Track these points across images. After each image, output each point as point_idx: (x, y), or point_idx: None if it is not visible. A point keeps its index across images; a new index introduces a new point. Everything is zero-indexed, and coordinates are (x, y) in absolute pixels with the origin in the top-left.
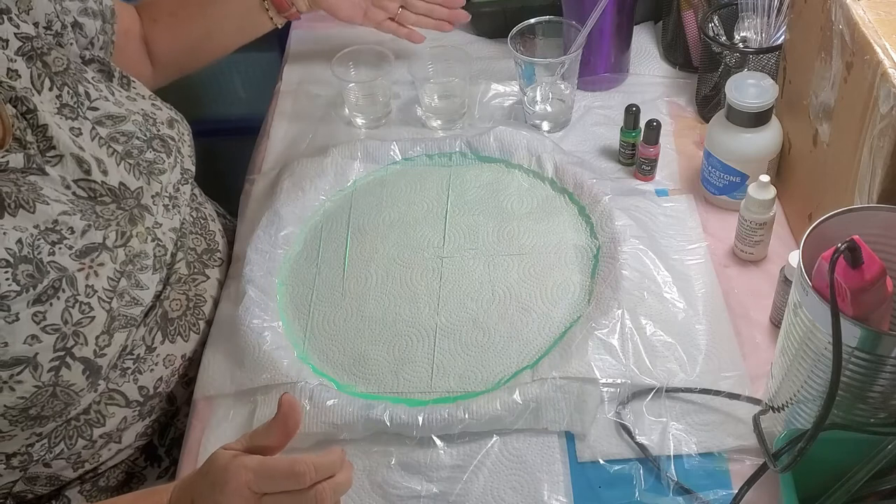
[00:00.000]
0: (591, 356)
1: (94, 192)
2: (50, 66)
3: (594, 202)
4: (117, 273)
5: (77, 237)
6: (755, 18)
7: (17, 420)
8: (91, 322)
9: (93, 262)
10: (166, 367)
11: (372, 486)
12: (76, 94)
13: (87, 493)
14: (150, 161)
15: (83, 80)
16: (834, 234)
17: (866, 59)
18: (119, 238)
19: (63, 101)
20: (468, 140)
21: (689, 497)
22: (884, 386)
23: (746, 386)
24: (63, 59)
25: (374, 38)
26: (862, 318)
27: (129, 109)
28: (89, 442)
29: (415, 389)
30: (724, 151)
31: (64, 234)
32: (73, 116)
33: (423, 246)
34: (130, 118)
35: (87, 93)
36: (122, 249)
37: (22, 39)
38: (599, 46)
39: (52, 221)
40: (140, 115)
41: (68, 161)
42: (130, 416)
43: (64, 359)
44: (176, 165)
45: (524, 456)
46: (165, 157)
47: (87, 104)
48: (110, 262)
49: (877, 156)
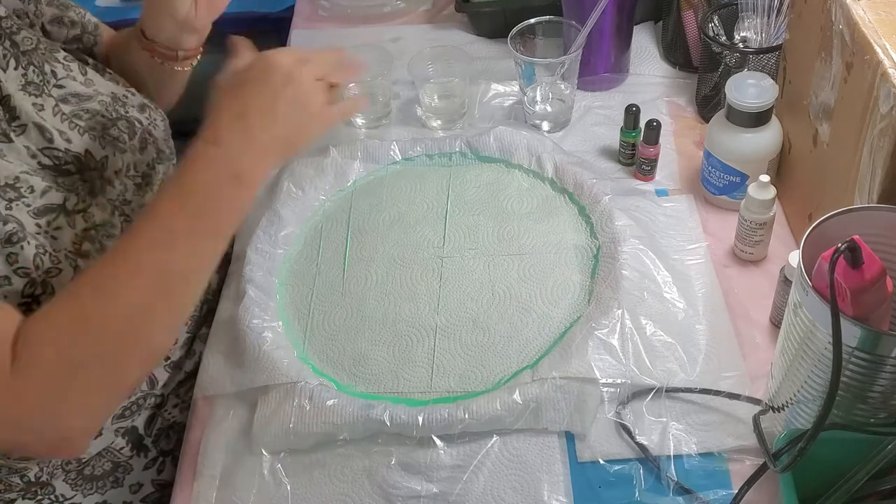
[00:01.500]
0: (591, 356)
1: (58, 160)
2: (18, 45)
3: (594, 202)
4: (78, 237)
5: (36, 196)
6: (755, 18)
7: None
8: (59, 274)
9: (49, 224)
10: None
11: (372, 486)
12: (42, 73)
13: (73, 481)
14: (114, 137)
15: (51, 60)
16: (834, 234)
17: (866, 59)
18: (80, 202)
19: (28, 79)
20: (468, 140)
21: (689, 497)
22: (884, 386)
23: (746, 386)
24: (33, 39)
25: (374, 38)
26: (862, 318)
27: (98, 90)
28: None
29: (415, 389)
30: (724, 151)
31: (23, 192)
32: (37, 94)
33: (423, 246)
34: (97, 98)
35: (53, 72)
36: (81, 216)
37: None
38: (599, 46)
39: (13, 178)
40: (108, 97)
41: (32, 130)
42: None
43: (31, 305)
44: (146, 147)
45: (524, 456)
46: (129, 139)
47: (52, 82)
48: (68, 227)
49: (877, 156)
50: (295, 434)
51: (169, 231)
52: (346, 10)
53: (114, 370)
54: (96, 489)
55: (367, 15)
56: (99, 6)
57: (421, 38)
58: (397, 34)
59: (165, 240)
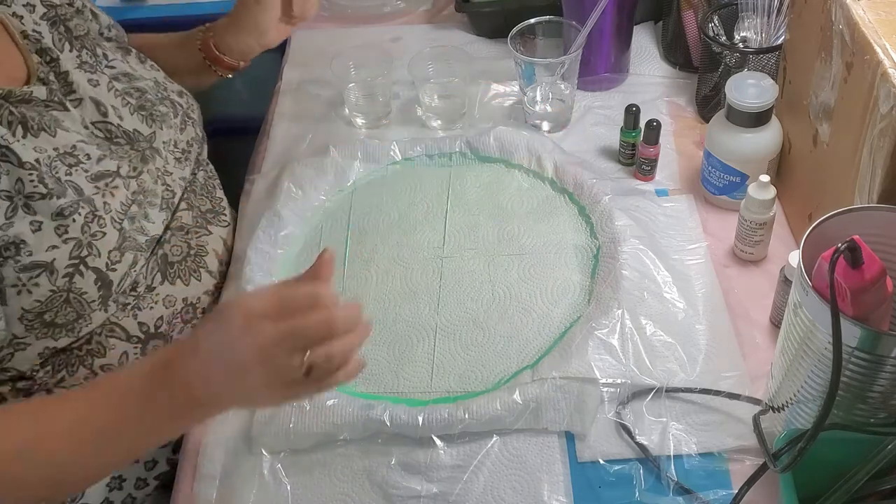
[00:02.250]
0: (591, 356)
1: (110, 134)
2: (72, 30)
3: (594, 202)
4: (129, 199)
5: (93, 163)
6: (755, 18)
7: (33, 325)
8: (104, 237)
9: (107, 185)
10: (167, 307)
11: (372, 486)
12: (94, 55)
13: None
14: (162, 113)
15: (101, 45)
16: (834, 234)
17: (866, 59)
18: (132, 171)
19: (83, 59)
20: (468, 140)
21: (689, 497)
22: (884, 386)
23: (746, 386)
24: (84, 26)
25: (374, 38)
26: (862, 318)
27: (143, 76)
28: (90, 372)
29: (415, 389)
30: (724, 151)
31: (80, 158)
32: (92, 71)
33: (423, 246)
34: (144, 80)
35: (104, 54)
36: (135, 180)
37: (46, 6)
38: (599, 46)
39: (70, 146)
40: (152, 82)
41: (87, 104)
42: (131, 351)
43: (78, 266)
44: (186, 127)
45: (524, 456)
46: (174, 116)
47: (104, 63)
48: (123, 188)
49: (877, 156)
50: (295, 434)
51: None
52: (346, 10)
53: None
54: None
55: (367, 15)
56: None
57: (421, 38)
58: (397, 34)
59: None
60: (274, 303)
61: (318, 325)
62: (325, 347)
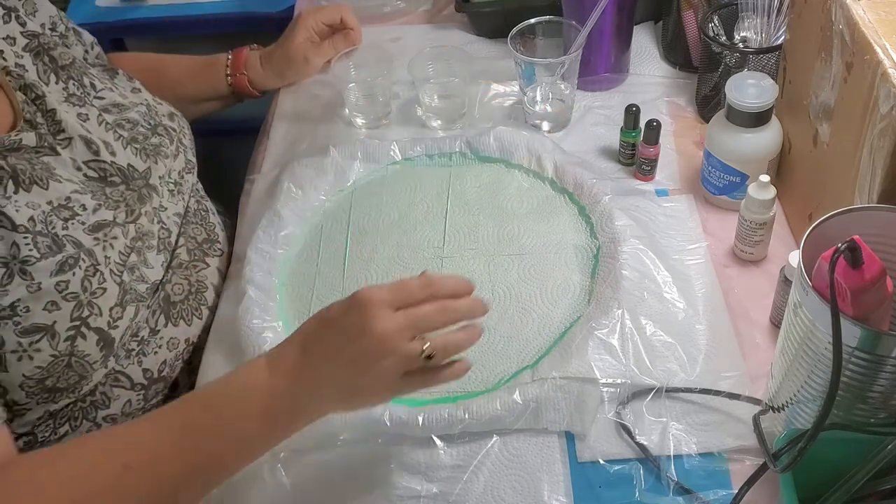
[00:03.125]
0: (591, 356)
1: (104, 173)
2: (56, 60)
3: (594, 202)
4: (128, 248)
5: (89, 214)
6: (755, 18)
7: (34, 392)
8: (104, 293)
9: (105, 235)
10: (170, 350)
11: (372, 486)
12: (82, 86)
13: None
14: (155, 145)
15: (88, 74)
16: (834, 234)
17: (866, 59)
18: (129, 216)
19: (70, 92)
20: (468, 140)
21: (689, 497)
22: (884, 386)
23: (746, 386)
24: (69, 55)
25: (374, 38)
26: (862, 318)
27: (133, 101)
28: (93, 424)
29: None
30: (724, 151)
31: (76, 210)
32: (80, 104)
33: (423, 246)
34: (134, 108)
35: (92, 84)
36: (133, 226)
37: (28, 37)
38: (599, 46)
39: (64, 198)
40: (144, 106)
41: (77, 143)
42: (135, 399)
43: (80, 328)
44: (179, 154)
45: (524, 456)
46: (169, 144)
47: (93, 94)
48: (122, 237)
49: (877, 156)
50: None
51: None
52: None
53: None
54: None
55: (367, 15)
56: (99, 6)
57: (421, 38)
58: (397, 34)
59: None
60: (392, 292)
61: (437, 312)
62: (443, 337)
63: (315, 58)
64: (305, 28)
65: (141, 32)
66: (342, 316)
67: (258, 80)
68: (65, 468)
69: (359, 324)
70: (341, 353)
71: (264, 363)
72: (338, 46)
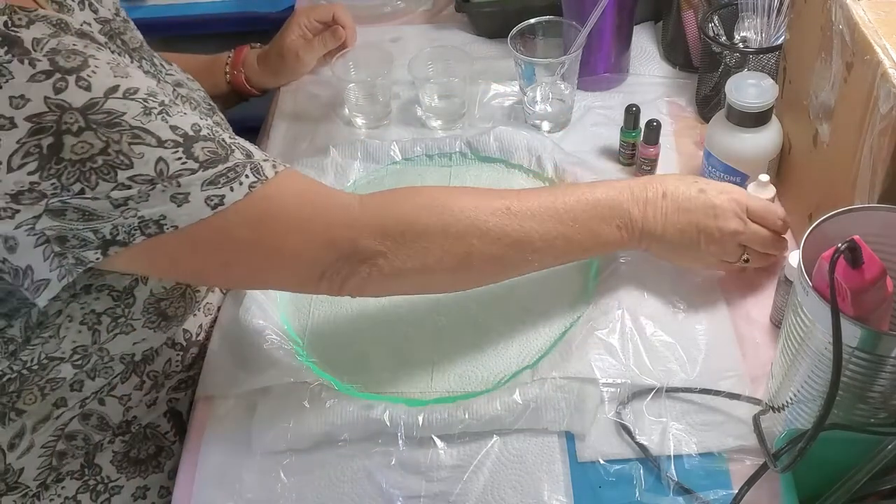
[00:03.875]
0: (591, 356)
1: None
2: (127, 43)
3: None
4: None
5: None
6: (755, 18)
7: (149, 311)
8: None
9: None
10: (206, 315)
11: (372, 486)
12: (154, 66)
13: (119, 463)
14: (217, 122)
15: (155, 56)
16: (834, 234)
17: (866, 59)
18: None
19: (145, 70)
20: (468, 140)
21: (689, 497)
22: (884, 386)
23: (746, 386)
24: (136, 38)
25: (374, 38)
26: (862, 318)
27: (193, 87)
28: (138, 378)
29: (415, 389)
30: (724, 151)
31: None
32: (156, 79)
33: None
34: (195, 92)
35: (161, 64)
36: None
37: (101, 22)
38: (599, 46)
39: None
40: (202, 92)
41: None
42: (174, 358)
43: None
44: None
45: (524, 456)
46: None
47: (164, 70)
48: None
49: (877, 156)
50: (295, 434)
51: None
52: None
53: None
54: (139, 473)
55: (367, 15)
56: None
57: (421, 38)
58: (397, 34)
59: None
60: (759, 209)
61: (769, 242)
62: (763, 255)
63: (306, 55)
64: (298, 25)
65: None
66: (717, 196)
67: (255, 78)
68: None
69: (724, 211)
70: (693, 219)
71: (629, 192)
72: (328, 43)
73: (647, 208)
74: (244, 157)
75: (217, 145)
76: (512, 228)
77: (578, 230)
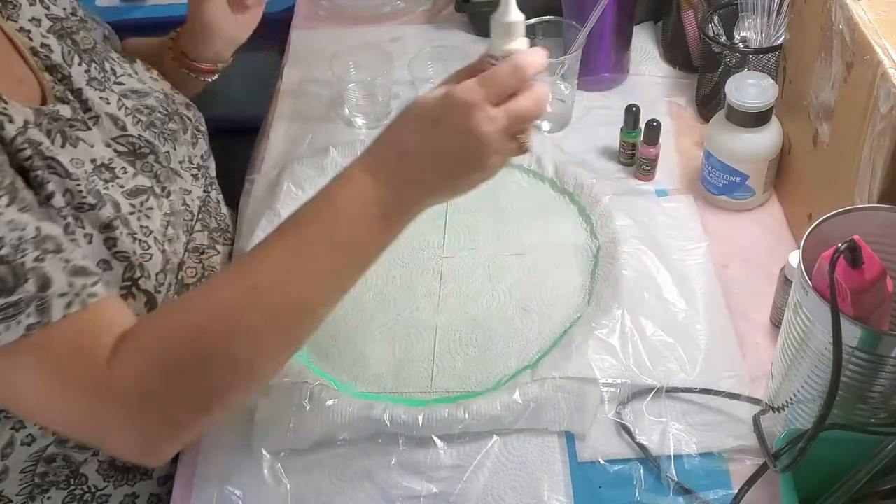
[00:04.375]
0: (591, 356)
1: (133, 147)
2: (79, 43)
3: (594, 202)
4: (165, 219)
5: (129, 178)
6: (755, 18)
7: None
8: (151, 259)
9: (142, 205)
10: None
11: (372, 486)
12: (103, 70)
13: (105, 472)
14: (173, 130)
15: (109, 59)
16: (834, 234)
17: (866, 59)
18: (161, 190)
19: (91, 76)
20: None
21: (689, 497)
22: (884, 386)
23: (746, 386)
24: (90, 39)
25: (374, 38)
26: (862, 318)
27: (152, 87)
28: None
29: (415, 389)
30: (724, 151)
31: (117, 172)
32: (101, 88)
33: (423, 246)
34: (153, 94)
35: (112, 69)
36: (166, 200)
37: (52, 20)
38: (599, 46)
39: (107, 159)
40: (161, 94)
41: (105, 120)
42: None
43: (130, 289)
44: (198, 141)
45: (524, 456)
46: (184, 132)
47: (113, 79)
48: (157, 209)
49: (877, 156)
50: (295, 434)
51: (298, 257)
52: (345, 10)
53: (210, 389)
54: (126, 481)
55: (367, 15)
56: (99, 6)
57: (421, 38)
58: (397, 34)
59: (293, 266)
60: (486, 87)
61: (533, 107)
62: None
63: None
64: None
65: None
66: (442, 116)
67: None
68: (196, 293)
69: (462, 126)
70: (445, 154)
71: (362, 172)
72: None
73: (391, 177)
74: (35, 290)
75: (9, 270)
76: (274, 306)
77: (342, 254)
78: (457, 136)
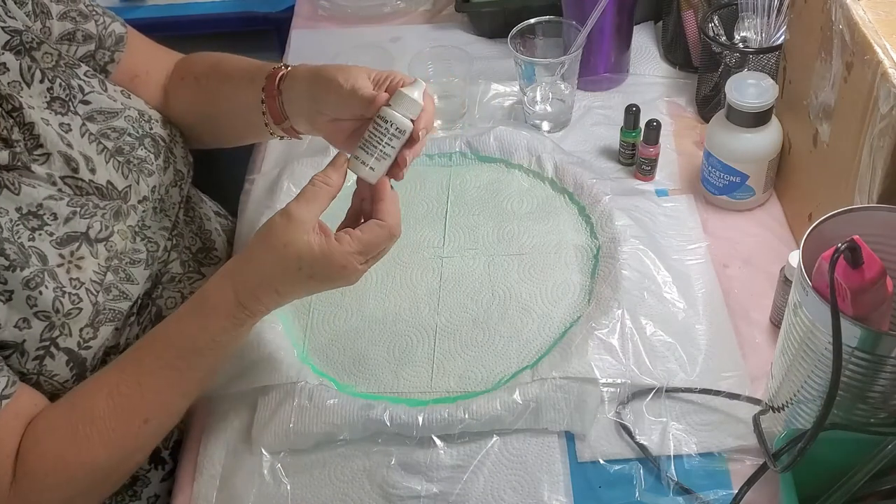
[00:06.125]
0: (591, 356)
1: (80, 190)
2: (39, 61)
3: (594, 202)
4: (102, 268)
5: (59, 224)
6: (755, 18)
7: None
8: (80, 313)
9: (72, 255)
10: None
11: (372, 486)
12: (69, 87)
13: None
14: (140, 159)
15: (75, 76)
16: (834, 234)
17: (866, 59)
18: (103, 230)
19: (54, 94)
20: (468, 140)
21: (689, 497)
22: (884, 386)
23: (746, 386)
24: (53, 55)
25: (374, 38)
26: (862, 318)
27: (124, 104)
28: None
29: (415, 389)
30: (724, 151)
31: (46, 219)
32: (63, 111)
33: (422, 246)
34: (123, 114)
35: (80, 86)
36: (104, 245)
37: (10, 34)
38: (599, 46)
39: (35, 205)
40: (135, 111)
41: (56, 159)
42: None
43: (49, 348)
44: (168, 167)
45: (524, 456)
46: (155, 158)
47: (79, 97)
48: (91, 257)
49: (877, 156)
50: (295, 434)
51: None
52: (346, 10)
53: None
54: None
55: (367, 15)
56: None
57: (421, 38)
58: (397, 34)
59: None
60: (366, 252)
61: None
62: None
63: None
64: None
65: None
66: (318, 273)
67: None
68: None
69: (336, 276)
70: (316, 288)
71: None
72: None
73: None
74: None
75: None
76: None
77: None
78: (330, 282)
